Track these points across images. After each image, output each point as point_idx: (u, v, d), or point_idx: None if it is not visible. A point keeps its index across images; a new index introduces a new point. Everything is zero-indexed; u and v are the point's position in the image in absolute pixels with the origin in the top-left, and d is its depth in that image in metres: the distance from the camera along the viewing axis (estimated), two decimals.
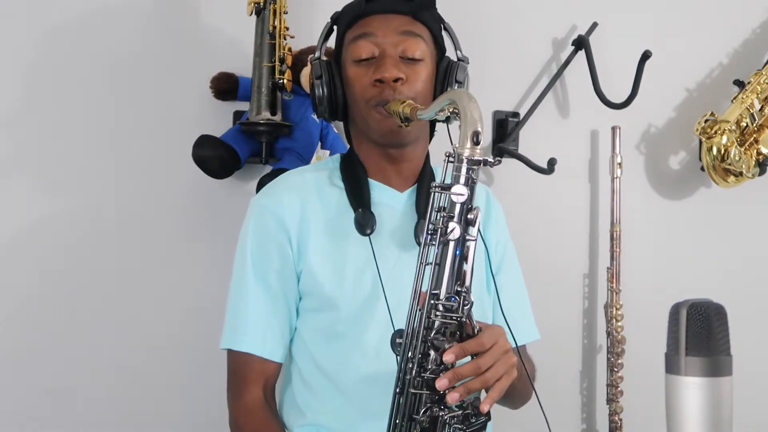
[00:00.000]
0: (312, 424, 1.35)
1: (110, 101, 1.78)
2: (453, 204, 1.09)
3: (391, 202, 1.38)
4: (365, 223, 1.32)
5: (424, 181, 1.40)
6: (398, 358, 1.14)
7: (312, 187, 1.37)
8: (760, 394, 2.10)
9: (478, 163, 1.09)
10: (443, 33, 1.41)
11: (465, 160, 1.09)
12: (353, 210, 1.34)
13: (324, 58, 1.39)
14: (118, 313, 1.79)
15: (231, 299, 1.37)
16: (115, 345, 1.79)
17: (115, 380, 1.78)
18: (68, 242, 1.75)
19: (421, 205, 1.36)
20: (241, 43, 1.77)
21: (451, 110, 1.14)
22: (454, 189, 1.09)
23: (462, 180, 1.09)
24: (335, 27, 1.41)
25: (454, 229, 1.08)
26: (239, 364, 1.34)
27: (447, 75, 1.36)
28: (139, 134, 1.79)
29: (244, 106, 1.80)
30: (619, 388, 2.05)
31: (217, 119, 1.81)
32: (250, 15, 1.73)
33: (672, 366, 0.82)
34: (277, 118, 1.72)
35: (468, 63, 1.39)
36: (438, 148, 1.40)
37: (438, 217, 1.11)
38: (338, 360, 1.33)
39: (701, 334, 0.81)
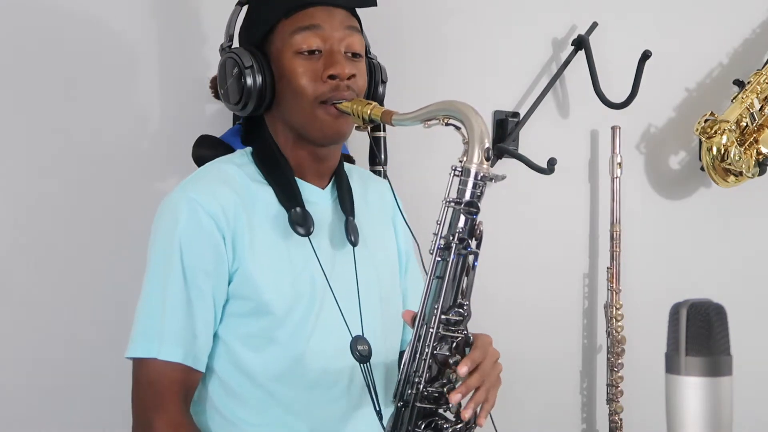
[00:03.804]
0: None
1: (110, 101, 1.77)
2: (458, 218, 1.09)
3: (317, 199, 1.32)
4: (304, 223, 1.24)
5: (340, 178, 1.36)
6: (398, 372, 1.14)
7: (241, 183, 1.28)
8: (760, 394, 2.11)
9: (488, 179, 1.08)
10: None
11: (473, 175, 1.08)
12: (286, 210, 1.26)
13: (233, 45, 1.34)
14: (118, 313, 1.78)
15: (148, 302, 1.26)
16: (116, 345, 1.78)
17: (115, 380, 1.78)
18: (66, 242, 1.75)
19: (347, 203, 1.33)
20: None
21: (446, 121, 1.11)
22: (463, 204, 1.08)
23: (468, 195, 1.08)
24: (248, 11, 1.34)
25: (460, 243, 1.08)
26: (158, 375, 1.21)
27: (373, 72, 1.36)
28: (139, 134, 1.79)
29: None
30: (619, 388, 2.05)
31: (217, 119, 1.81)
32: None
33: (672, 366, 0.82)
34: None
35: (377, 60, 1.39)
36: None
37: (445, 233, 1.10)
38: (275, 368, 1.24)
39: (701, 334, 0.81)
